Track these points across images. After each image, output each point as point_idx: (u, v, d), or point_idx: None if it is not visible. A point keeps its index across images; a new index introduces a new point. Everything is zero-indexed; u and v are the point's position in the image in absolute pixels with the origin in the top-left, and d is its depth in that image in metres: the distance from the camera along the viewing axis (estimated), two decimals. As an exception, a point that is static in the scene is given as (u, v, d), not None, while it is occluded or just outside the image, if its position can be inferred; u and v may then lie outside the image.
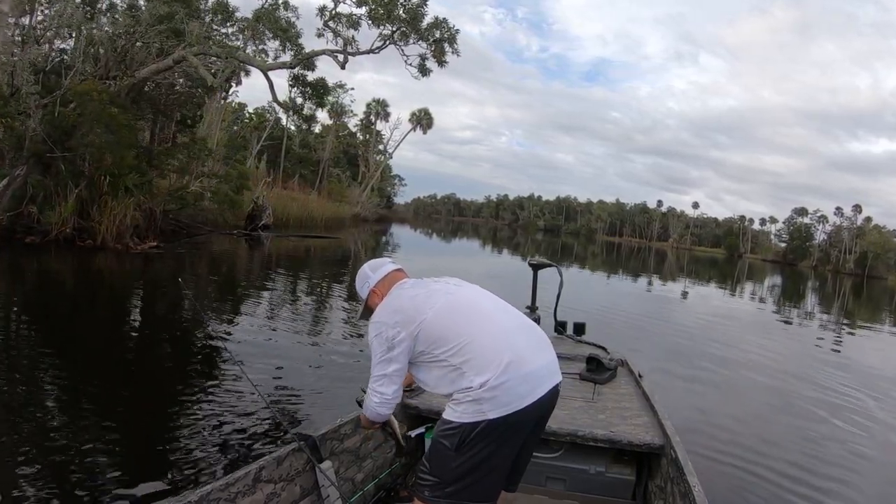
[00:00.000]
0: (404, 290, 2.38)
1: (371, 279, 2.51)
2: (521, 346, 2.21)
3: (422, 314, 2.24)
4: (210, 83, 13.59)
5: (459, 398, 2.15)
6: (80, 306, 8.81)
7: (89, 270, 11.88)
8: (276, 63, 15.11)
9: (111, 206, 13.48)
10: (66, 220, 13.23)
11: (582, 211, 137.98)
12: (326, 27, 15.06)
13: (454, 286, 2.41)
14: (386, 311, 2.32)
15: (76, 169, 13.16)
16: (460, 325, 2.22)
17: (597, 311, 13.02)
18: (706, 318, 15.72)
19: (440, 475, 2.18)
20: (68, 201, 13.14)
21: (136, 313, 8.94)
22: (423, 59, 16.21)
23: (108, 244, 13.36)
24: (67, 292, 9.69)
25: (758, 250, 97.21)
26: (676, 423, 3.53)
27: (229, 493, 2.41)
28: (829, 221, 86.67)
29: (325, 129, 56.50)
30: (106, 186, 13.38)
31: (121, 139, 12.51)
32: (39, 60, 14.04)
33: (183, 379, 5.69)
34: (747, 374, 9.01)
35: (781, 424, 6.60)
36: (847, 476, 5.16)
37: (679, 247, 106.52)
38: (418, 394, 3.69)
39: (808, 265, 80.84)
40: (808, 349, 12.78)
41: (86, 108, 12.26)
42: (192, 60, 13.18)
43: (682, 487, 2.79)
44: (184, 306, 8.89)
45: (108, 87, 13.37)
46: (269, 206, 25.09)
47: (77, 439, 3.97)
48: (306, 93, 18.83)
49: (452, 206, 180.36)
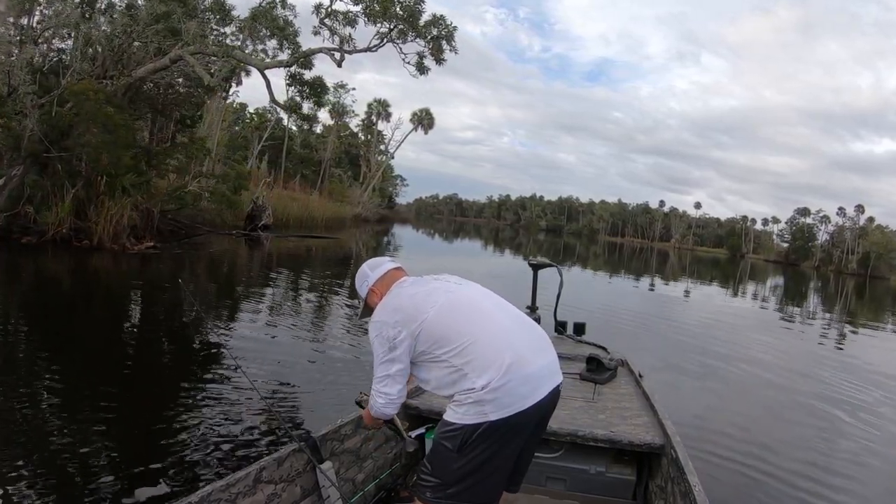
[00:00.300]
0: (404, 289, 2.36)
1: (370, 278, 2.49)
2: (522, 347, 2.20)
3: (423, 313, 2.22)
4: (207, 82, 13.50)
5: (461, 399, 2.14)
6: (76, 306, 8.75)
7: (85, 271, 11.81)
8: (273, 62, 14.99)
9: (108, 207, 13.41)
10: (63, 221, 13.19)
11: (584, 211, 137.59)
12: (323, 25, 14.97)
13: (454, 284, 2.39)
14: (386, 311, 2.31)
15: (73, 169, 13.11)
16: (462, 324, 2.21)
17: (599, 311, 13.02)
18: (708, 317, 15.65)
19: (442, 476, 2.18)
20: (65, 201, 13.11)
21: (133, 314, 8.88)
22: (420, 57, 16.07)
23: (104, 244, 13.30)
24: (63, 292, 9.62)
25: (760, 251, 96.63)
26: (678, 423, 3.50)
27: (230, 494, 2.41)
28: (831, 221, 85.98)
29: (327, 129, 56.56)
30: (103, 186, 13.31)
31: (117, 139, 12.43)
32: (37, 60, 13.96)
33: (182, 379, 5.66)
34: (749, 373, 8.98)
35: (783, 423, 6.59)
36: (849, 474, 5.16)
37: (681, 247, 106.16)
38: (419, 394, 3.67)
39: (811, 265, 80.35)
40: (811, 348, 12.74)
41: (82, 108, 12.17)
42: (190, 59, 13.10)
43: (683, 487, 2.78)
44: (182, 307, 8.83)
45: (104, 87, 13.28)
46: (268, 207, 25.04)
47: (77, 441, 3.97)
48: (304, 92, 18.64)
49: (454, 207, 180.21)
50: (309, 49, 15.51)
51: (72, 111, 12.74)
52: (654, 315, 14.55)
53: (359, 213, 50.16)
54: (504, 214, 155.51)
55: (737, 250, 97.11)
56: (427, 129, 58.17)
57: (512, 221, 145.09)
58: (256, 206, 24.28)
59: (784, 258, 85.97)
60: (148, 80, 15.20)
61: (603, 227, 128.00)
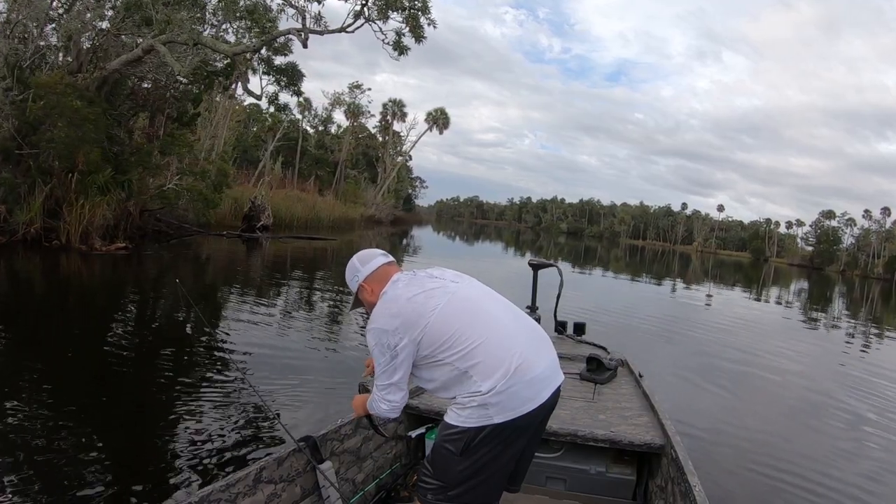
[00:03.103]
0: (399, 291, 2.24)
1: (360, 273, 2.37)
2: (527, 350, 2.15)
3: (424, 318, 2.14)
4: (178, 72, 12.92)
5: (465, 402, 2.10)
6: (28, 309, 8.17)
7: (45, 272, 11.21)
8: (241, 47, 14.25)
9: (79, 206, 12.81)
10: (34, 220, 12.66)
11: (605, 214, 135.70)
12: (286, 2, 14.23)
13: (452, 282, 2.29)
14: (384, 317, 2.19)
15: (44, 166, 12.53)
16: (466, 326, 2.13)
17: (618, 315, 13.11)
18: (727, 322, 15.25)
19: (444, 479, 2.16)
20: (37, 200, 12.57)
21: (94, 317, 8.34)
22: (398, 35, 15.29)
23: (73, 245, 12.68)
24: (17, 294, 9.09)
25: (784, 254, 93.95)
26: (687, 423, 3.72)
27: (230, 494, 2.40)
28: (856, 224, 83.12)
29: (346, 130, 56.24)
30: (73, 184, 12.72)
31: (84, 134, 11.79)
32: (12, 55, 13.41)
33: (180, 381, 5.59)
34: (763, 376, 8.96)
35: (787, 424, 6.62)
36: (850, 474, 5.18)
37: (704, 250, 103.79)
38: (419, 394, 3.66)
39: (836, 269, 77.57)
40: (830, 354, 12.42)
41: (48, 102, 11.57)
42: (160, 49, 12.48)
43: (683, 487, 2.76)
44: (146, 311, 8.63)
45: (75, 80, 12.69)
46: (268, 207, 24.43)
47: (75, 443, 3.97)
48: (281, 80, 18.06)
49: (475, 209, 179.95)
50: (276, 30, 14.72)
51: (42, 105, 12.15)
52: (676, 319, 14.31)
53: (372, 215, 49.61)
54: (525, 217, 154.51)
55: (760, 254, 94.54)
56: (442, 128, 57.55)
57: (533, 224, 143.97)
58: (254, 207, 23.71)
59: (808, 262, 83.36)
60: (134, 76, 14.69)
61: (624, 230, 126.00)
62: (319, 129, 55.67)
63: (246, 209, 23.75)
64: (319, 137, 55.88)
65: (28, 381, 5.10)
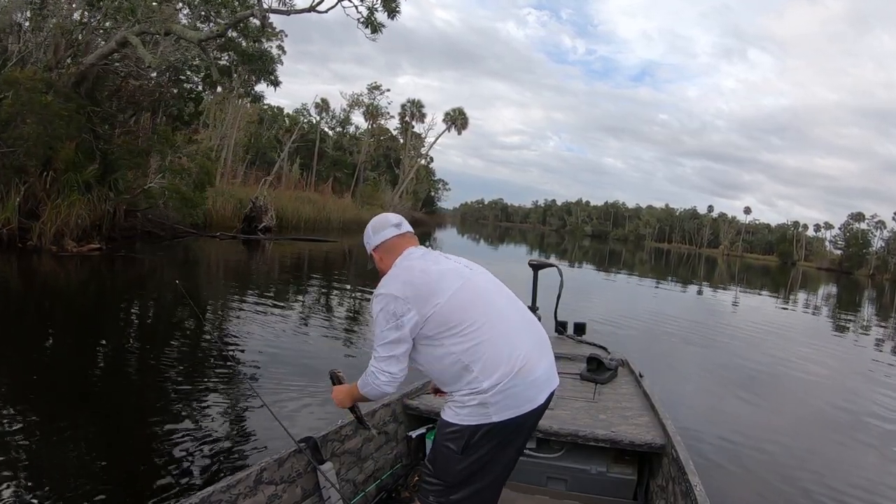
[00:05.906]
0: (414, 261, 2.21)
1: (371, 241, 2.35)
2: (530, 351, 2.12)
3: (436, 296, 2.08)
4: (149, 63, 12.44)
5: (464, 401, 2.08)
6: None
7: (14, 274, 10.78)
8: (206, 32, 13.68)
9: (52, 205, 12.39)
10: (10, 220, 12.28)
11: (630, 216, 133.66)
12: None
13: (466, 269, 2.25)
14: (394, 283, 2.14)
15: (16, 164, 12.13)
16: (475, 318, 2.08)
17: (646, 318, 13.22)
18: (749, 326, 14.87)
19: (445, 478, 2.13)
20: (12, 199, 12.21)
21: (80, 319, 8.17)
22: (371, 11, 14.71)
23: (44, 245, 12.27)
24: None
25: (812, 258, 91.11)
26: (688, 423, 3.77)
27: (230, 495, 2.38)
28: (886, 227, 79.91)
29: (364, 131, 56.05)
30: (47, 182, 12.32)
31: (55, 131, 11.35)
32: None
33: (178, 382, 5.59)
34: (780, 381, 8.91)
35: (792, 426, 6.60)
36: (851, 475, 5.16)
37: (730, 254, 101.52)
38: (419, 394, 3.69)
39: (865, 273, 74.52)
40: (853, 360, 12.06)
41: (17, 98, 11.16)
42: (133, 40, 12.05)
43: (684, 487, 2.75)
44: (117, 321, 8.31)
45: (48, 76, 12.29)
46: (270, 208, 23.98)
47: (73, 445, 3.97)
48: (254, 69, 17.55)
49: (500, 212, 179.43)
50: (237, 14, 14.14)
51: (12, 102, 11.75)
52: (698, 323, 14.01)
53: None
54: (549, 220, 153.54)
55: (788, 257, 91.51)
56: (461, 129, 57.00)
57: (557, 227, 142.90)
58: (255, 207, 23.27)
59: (837, 266, 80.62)
60: (119, 72, 14.31)
61: (649, 233, 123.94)
62: (337, 129, 55.54)
63: (246, 209, 23.31)
64: (337, 139, 55.66)
65: (21, 385, 5.12)
